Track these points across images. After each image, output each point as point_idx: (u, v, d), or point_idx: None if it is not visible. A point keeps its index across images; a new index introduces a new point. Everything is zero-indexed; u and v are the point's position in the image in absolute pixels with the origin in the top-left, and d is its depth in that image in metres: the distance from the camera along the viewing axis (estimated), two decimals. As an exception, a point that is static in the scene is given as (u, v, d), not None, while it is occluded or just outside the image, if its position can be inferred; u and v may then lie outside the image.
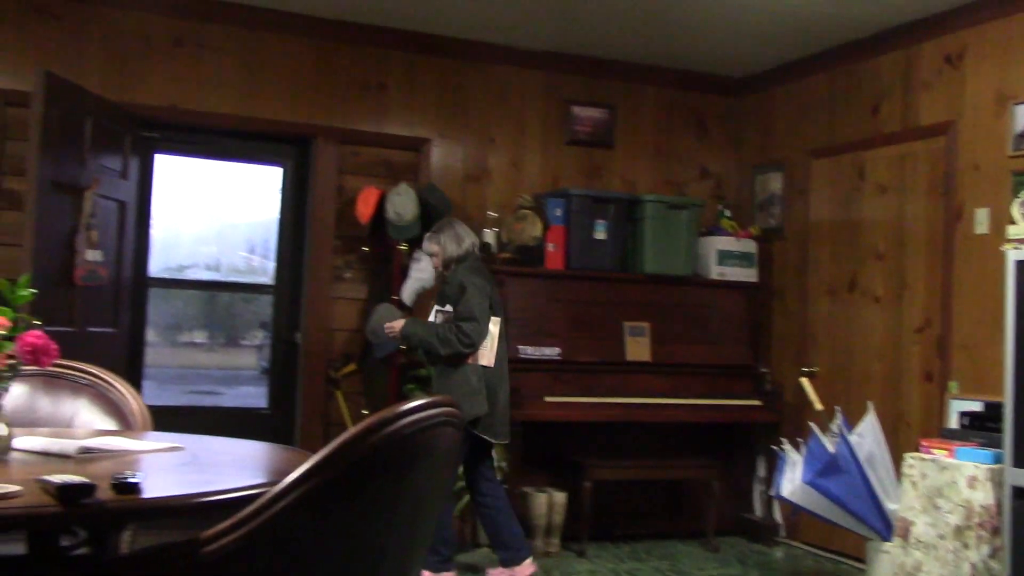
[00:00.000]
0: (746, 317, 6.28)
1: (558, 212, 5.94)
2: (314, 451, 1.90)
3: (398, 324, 5.00)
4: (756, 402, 6.07)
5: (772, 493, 5.09)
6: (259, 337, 8.38)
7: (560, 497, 5.60)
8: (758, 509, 6.24)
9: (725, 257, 6.25)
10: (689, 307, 6.15)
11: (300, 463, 1.98)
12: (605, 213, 6.02)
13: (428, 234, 5.05)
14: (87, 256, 4.83)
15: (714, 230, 6.37)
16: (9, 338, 2.26)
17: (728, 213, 6.53)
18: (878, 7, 5.24)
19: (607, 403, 5.70)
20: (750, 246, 6.33)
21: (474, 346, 4.73)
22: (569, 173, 6.43)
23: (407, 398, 5.60)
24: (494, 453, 5.50)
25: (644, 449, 5.98)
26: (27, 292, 2.30)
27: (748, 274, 6.31)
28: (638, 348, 5.93)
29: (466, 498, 5.46)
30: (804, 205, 6.22)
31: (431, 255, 5.04)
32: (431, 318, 5.01)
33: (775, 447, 5.07)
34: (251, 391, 8.25)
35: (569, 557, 5.55)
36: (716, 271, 6.23)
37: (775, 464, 5.02)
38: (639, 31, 5.85)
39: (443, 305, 4.92)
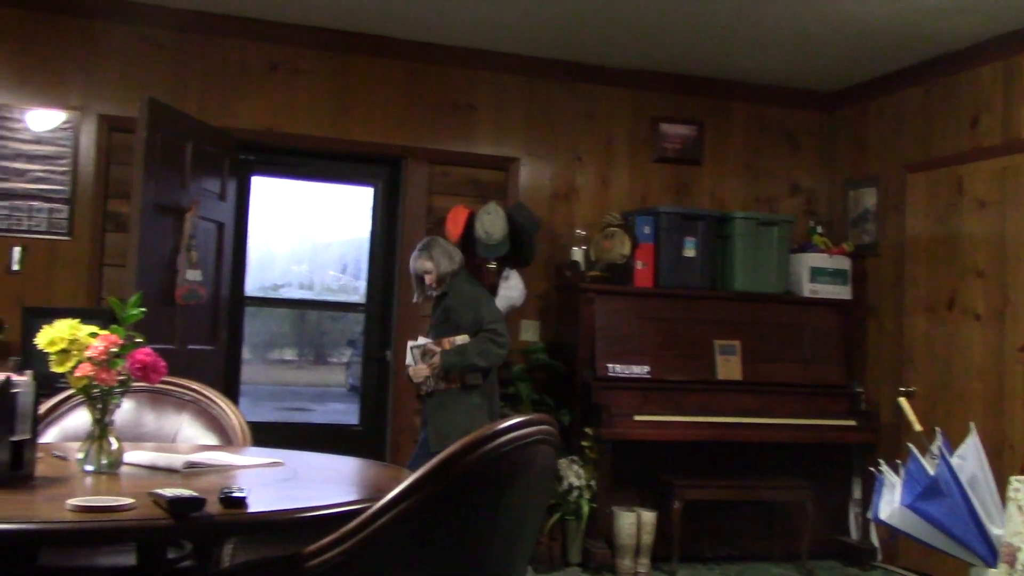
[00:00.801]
0: (840, 335, 6.15)
1: (647, 230, 5.92)
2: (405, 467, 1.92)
3: (436, 361, 4.82)
4: (851, 422, 5.93)
5: (870, 516, 4.96)
6: (347, 355, 8.52)
7: (649, 516, 5.55)
8: (854, 532, 6.09)
9: (818, 274, 6.14)
10: (781, 325, 6.06)
11: (398, 479, 2.01)
12: (694, 230, 5.97)
13: (416, 252, 5.02)
14: (187, 276, 4.97)
15: (806, 247, 6.27)
16: (120, 355, 2.34)
17: (820, 229, 6.42)
18: (976, 18, 5.11)
19: (697, 422, 5.64)
20: (843, 263, 6.21)
21: (507, 345, 4.80)
22: (657, 190, 6.40)
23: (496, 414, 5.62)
24: (582, 471, 5.50)
25: (735, 469, 5.90)
26: (138, 311, 2.38)
27: (841, 291, 6.19)
28: (729, 367, 5.86)
29: (556, 515, 5.46)
30: (899, 221, 6.08)
31: (425, 272, 4.96)
32: (410, 348, 4.94)
33: (872, 468, 4.94)
34: (340, 407, 8.39)
35: (659, 578, 5.50)
36: (808, 288, 6.13)
37: (872, 486, 4.90)
38: (727, 47, 5.81)
39: (442, 325, 4.88)
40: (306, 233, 6.21)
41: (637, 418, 5.54)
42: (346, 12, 5.49)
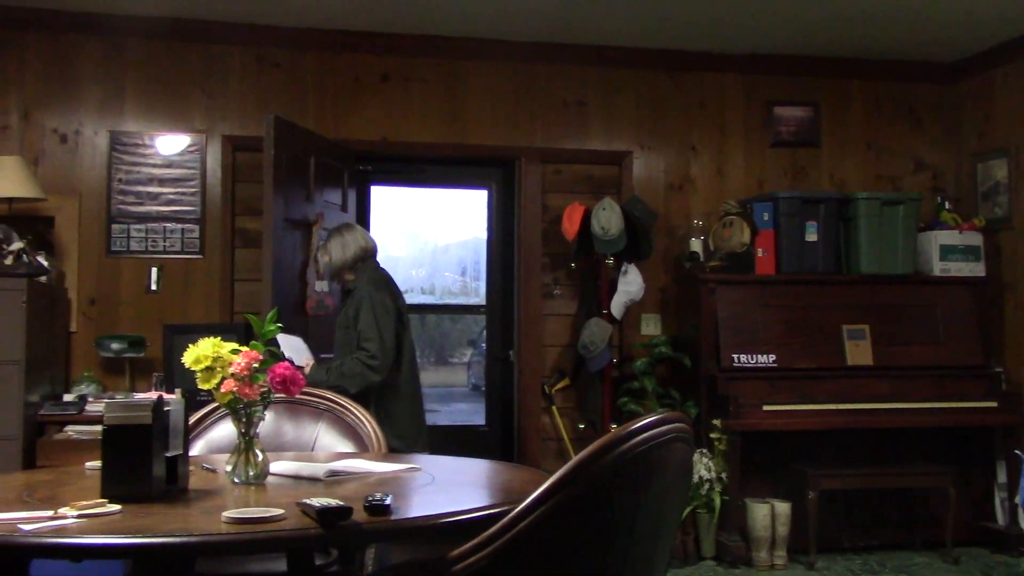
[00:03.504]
0: (975, 314, 5.92)
1: (766, 216, 5.81)
2: (535, 467, 1.93)
3: (308, 369, 4.35)
4: (991, 404, 5.70)
5: (1016, 500, 4.78)
6: (467, 354, 8.64)
7: (783, 508, 5.45)
8: (1001, 517, 5.86)
9: (948, 252, 5.93)
10: (911, 307, 5.87)
11: (533, 481, 2.03)
12: (815, 214, 5.84)
13: (319, 243, 4.71)
14: (315, 287, 5.12)
15: (934, 224, 6.06)
16: (261, 370, 2.42)
17: (948, 205, 6.20)
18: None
19: (829, 410, 5.52)
20: (975, 239, 5.98)
21: (381, 368, 4.25)
22: (775, 176, 6.28)
23: (621, 411, 5.62)
24: (711, 463, 5.44)
25: (871, 456, 5.74)
26: (274, 327, 2.46)
27: (974, 268, 5.96)
28: (859, 352, 5.71)
29: (688, 509, 5.41)
30: (1034, 192, 5.83)
31: (324, 266, 4.64)
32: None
33: (1017, 452, 4.76)
34: (464, 408, 8.50)
35: (797, 569, 5.39)
36: (939, 267, 5.92)
37: (1018, 469, 4.71)
38: (840, 23, 5.65)
39: (347, 331, 4.38)
40: (424, 238, 6.32)
41: (766, 408, 5.45)
42: (452, 18, 5.55)
